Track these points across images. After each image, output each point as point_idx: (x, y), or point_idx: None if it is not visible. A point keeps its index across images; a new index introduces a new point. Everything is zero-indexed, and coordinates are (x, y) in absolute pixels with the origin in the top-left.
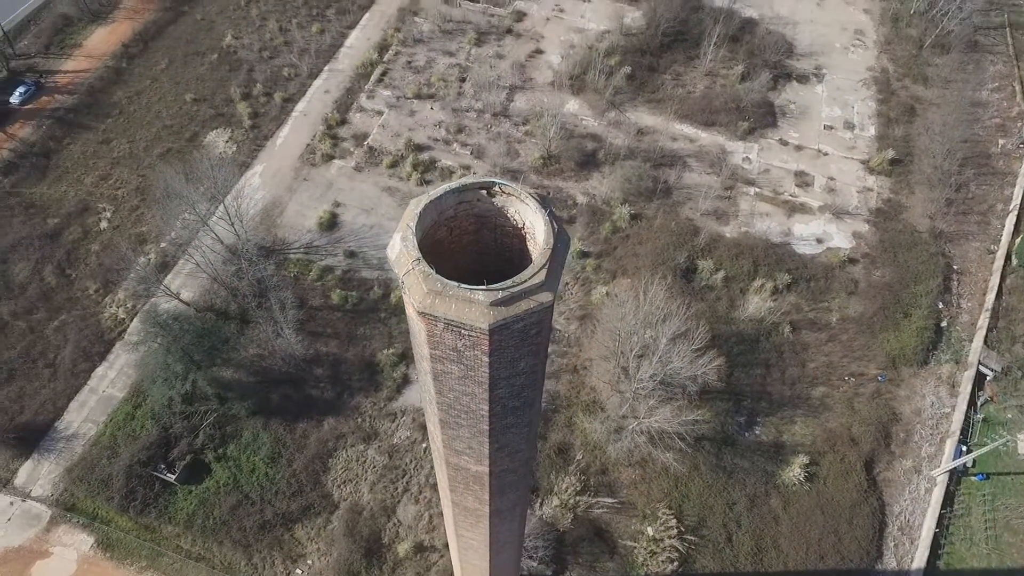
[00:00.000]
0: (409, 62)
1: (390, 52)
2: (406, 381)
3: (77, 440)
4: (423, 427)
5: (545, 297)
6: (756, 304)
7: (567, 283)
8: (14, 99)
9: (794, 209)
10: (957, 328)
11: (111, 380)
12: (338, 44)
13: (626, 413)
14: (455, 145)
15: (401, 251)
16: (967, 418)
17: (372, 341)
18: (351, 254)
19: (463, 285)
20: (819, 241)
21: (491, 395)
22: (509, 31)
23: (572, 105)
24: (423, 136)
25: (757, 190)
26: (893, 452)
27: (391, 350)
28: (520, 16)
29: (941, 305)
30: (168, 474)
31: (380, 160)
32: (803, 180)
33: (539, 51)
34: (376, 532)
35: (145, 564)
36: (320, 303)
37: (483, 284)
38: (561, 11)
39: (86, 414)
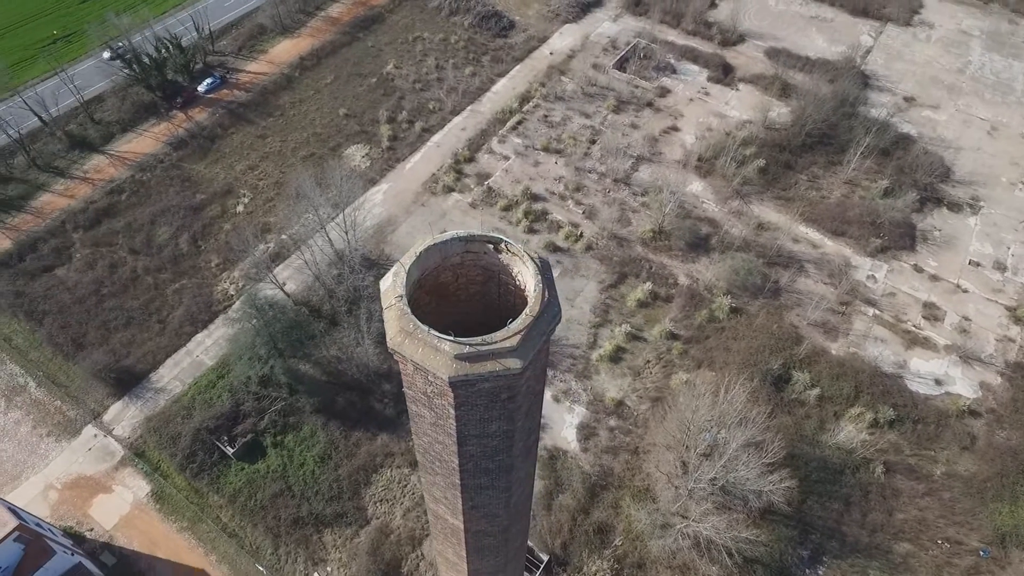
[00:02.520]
0: (546, 116)
1: (530, 104)
2: None
3: (163, 394)
4: None
5: (513, 363)
6: (849, 433)
7: (648, 361)
8: (201, 88)
9: (915, 341)
10: None
11: (206, 348)
12: (485, 88)
13: (677, 511)
14: (570, 202)
15: (390, 285)
16: None
17: None
18: None
19: (433, 332)
20: (938, 382)
21: (460, 449)
22: (649, 104)
23: (696, 186)
24: (541, 187)
25: (876, 312)
26: None
27: None
28: (664, 92)
29: None
30: (228, 447)
31: (496, 201)
32: (932, 313)
33: (675, 128)
34: (398, 559)
35: (186, 525)
36: None
37: (470, 335)
38: (707, 94)
39: (176, 373)
